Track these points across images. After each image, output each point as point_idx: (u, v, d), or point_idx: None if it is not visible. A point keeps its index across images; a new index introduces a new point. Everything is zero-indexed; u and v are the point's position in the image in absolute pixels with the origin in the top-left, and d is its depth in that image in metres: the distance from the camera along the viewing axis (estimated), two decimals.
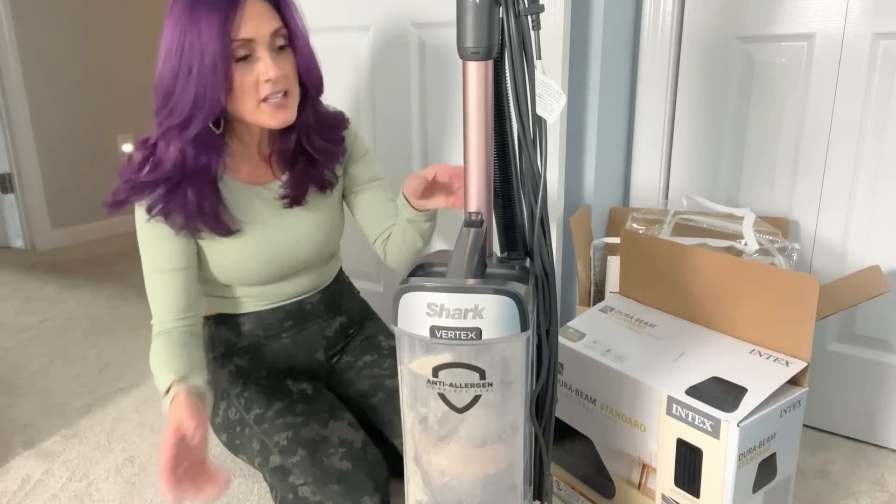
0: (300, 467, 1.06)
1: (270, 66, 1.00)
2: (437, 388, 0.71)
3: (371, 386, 1.22)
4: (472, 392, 0.70)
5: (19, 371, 1.75)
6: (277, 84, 1.02)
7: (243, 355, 1.22)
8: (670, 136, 1.48)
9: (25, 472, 1.31)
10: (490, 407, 0.72)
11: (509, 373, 0.71)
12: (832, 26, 1.25)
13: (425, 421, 0.74)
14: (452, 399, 0.71)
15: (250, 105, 1.03)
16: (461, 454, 0.75)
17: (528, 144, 0.77)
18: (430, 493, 0.77)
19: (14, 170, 2.85)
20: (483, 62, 0.73)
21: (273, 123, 1.05)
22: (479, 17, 0.70)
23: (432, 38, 1.51)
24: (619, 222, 1.43)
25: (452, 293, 0.67)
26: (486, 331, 0.67)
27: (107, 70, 3.12)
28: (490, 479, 0.76)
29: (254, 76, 1.01)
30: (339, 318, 1.31)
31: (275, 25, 1.02)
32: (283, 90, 1.03)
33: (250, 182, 1.14)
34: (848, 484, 1.23)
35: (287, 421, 1.11)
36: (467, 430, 0.73)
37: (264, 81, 1.01)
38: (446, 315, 0.67)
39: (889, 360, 1.31)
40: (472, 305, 0.66)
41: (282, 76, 1.02)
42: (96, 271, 2.63)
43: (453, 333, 0.67)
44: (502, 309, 0.67)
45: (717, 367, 0.98)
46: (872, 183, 1.26)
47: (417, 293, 0.68)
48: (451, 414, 0.72)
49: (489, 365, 0.69)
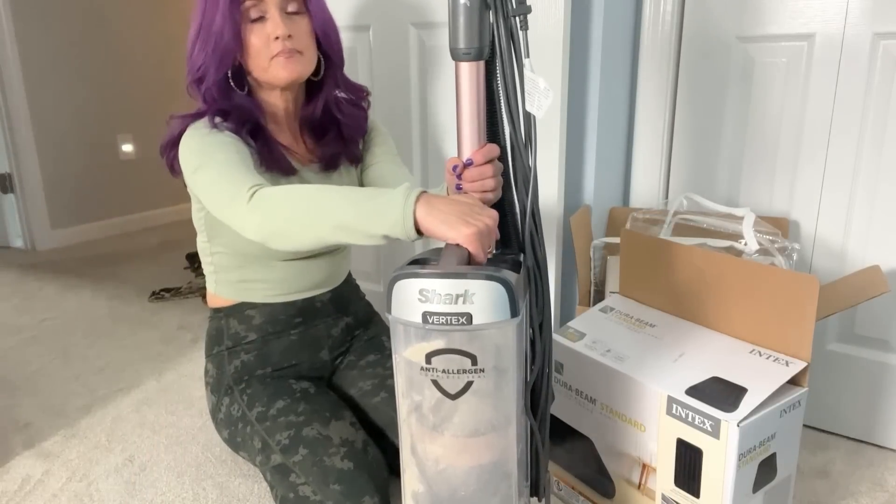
0: (301, 466, 1.06)
1: (279, 24, 1.06)
2: (430, 374, 0.72)
3: (374, 385, 1.23)
4: (465, 378, 0.71)
5: (19, 371, 1.76)
6: (287, 41, 1.07)
7: (250, 350, 1.22)
8: (670, 136, 1.48)
9: (25, 472, 1.31)
10: (483, 394, 0.73)
11: (501, 359, 0.72)
12: (832, 26, 1.25)
13: (420, 409, 0.75)
14: (445, 385, 0.72)
15: (264, 61, 1.08)
16: (455, 443, 0.76)
17: (519, 141, 0.78)
18: (425, 483, 0.78)
19: (14, 170, 2.85)
20: (475, 63, 0.76)
21: (284, 73, 1.09)
22: (470, 20, 0.74)
23: (432, 38, 1.51)
24: (619, 222, 1.43)
25: (443, 279, 0.68)
26: (476, 316, 0.68)
27: (107, 70, 3.12)
28: (484, 468, 0.77)
29: (264, 35, 1.07)
30: (345, 319, 1.31)
31: None
32: (293, 48, 1.08)
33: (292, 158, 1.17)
34: (848, 484, 1.23)
35: (289, 420, 1.11)
36: (461, 419, 0.74)
37: (274, 39, 1.07)
38: (437, 301, 0.69)
39: (889, 360, 1.31)
40: (462, 291, 0.68)
41: (290, 35, 1.07)
42: (96, 271, 2.63)
43: (444, 319, 0.69)
44: (492, 294, 0.68)
45: (717, 367, 0.98)
46: (872, 183, 1.26)
47: (410, 280, 0.69)
48: (445, 401, 0.73)
49: (480, 351, 0.71)
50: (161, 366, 1.77)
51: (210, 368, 1.25)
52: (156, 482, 1.27)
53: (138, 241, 3.12)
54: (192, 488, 1.25)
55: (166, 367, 1.76)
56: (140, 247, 3.01)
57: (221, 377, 1.22)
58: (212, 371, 1.24)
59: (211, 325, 1.26)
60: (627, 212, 1.41)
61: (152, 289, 2.34)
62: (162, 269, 2.62)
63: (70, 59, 2.97)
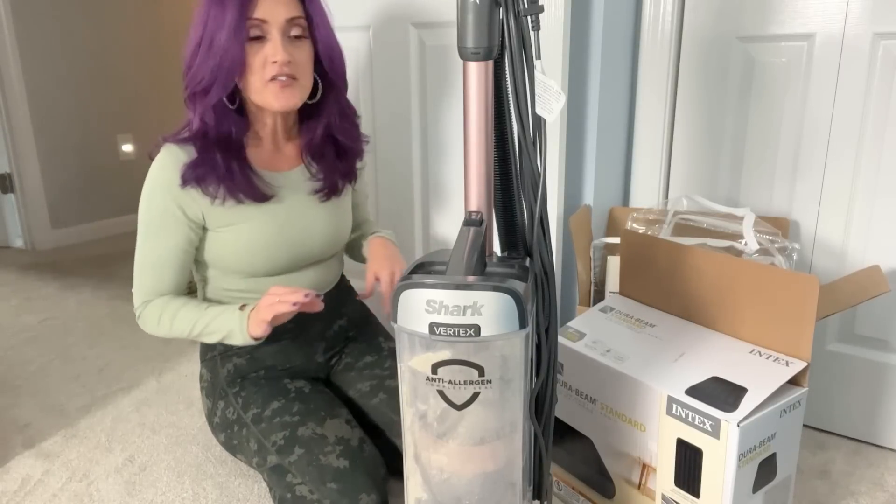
0: (297, 466, 1.06)
1: (279, 48, 1.05)
2: (436, 384, 0.71)
3: (372, 387, 1.22)
4: (471, 389, 0.71)
5: (19, 371, 1.75)
6: (284, 67, 1.05)
7: (243, 355, 1.22)
8: (670, 136, 1.48)
9: (25, 472, 1.31)
10: (489, 404, 0.72)
11: (508, 370, 0.72)
12: (832, 26, 1.25)
13: (425, 418, 0.74)
14: (451, 396, 0.71)
15: (258, 83, 1.07)
16: (460, 452, 0.75)
17: (528, 144, 0.77)
18: (429, 491, 0.78)
19: (14, 170, 2.84)
20: (483, 62, 0.74)
21: (276, 104, 1.08)
22: (480, 18, 0.71)
23: (432, 38, 1.51)
24: (619, 222, 1.43)
25: (451, 290, 0.67)
26: (484, 328, 0.67)
27: (107, 70, 3.12)
28: (489, 476, 0.76)
29: (262, 56, 1.06)
30: (339, 321, 1.31)
31: (292, 13, 1.06)
32: (289, 75, 1.06)
33: (268, 169, 1.17)
34: (848, 484, 1.23)
35: (284, 420, 1.11)
36: (466, 428, 0.73)
37: (271, 62, 1.05)
38: (445, 312, 0.67)
39: (889, 360, 1.31)
40: (470, 302, 0.67)
41: (289, 61, 1.06)
42: (96, 271, 2.63)
43: (452, 330, 0.68)
44: (501, 306, 0.67)
45: (717, 367, 0.98)
46: (872, 183, 1.26)
47: (417, 290, 0.68)
48: (451, 411, 0.72)
49: (488, 362, 0.70)
50: (161, 366, 1.77)
51: (204, 373, 1.25)
52: (156, 482, 1.27)
53: None
54: (192, 488, 1.25)
55: (166, 367, 1.76)
56: None
57: (215, 381, 1.22)
58: (206, 376, 1.25)
59: None
60: (627, 212, 1.41)
61: None
62: None
63: (70, 59, 2.97)
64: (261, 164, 1.15)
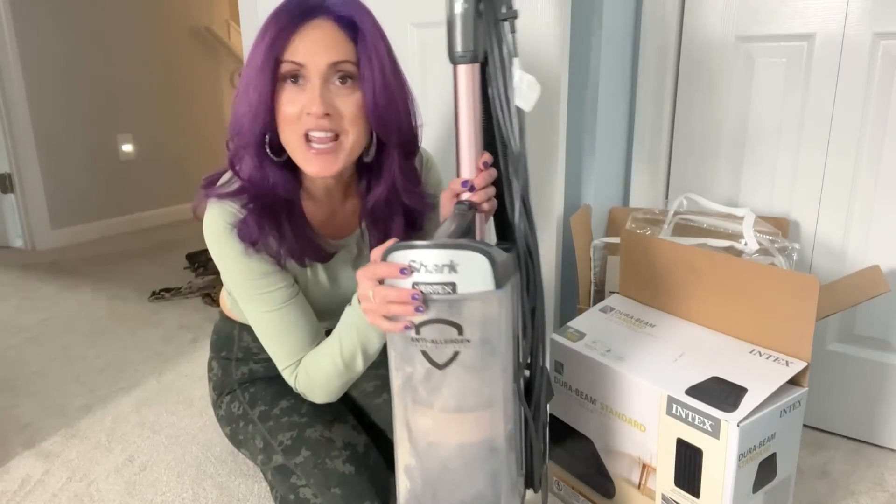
0: (303, 468, 1.06)
1: (316, 98, 0.87)
2: (419, 344, 0.76)
3: (376, 387, 1.22)
4: (452, 348, 0.75)
5: (19, 371, 1.75)
6: (322, 121, 0.88)
7: (260, 362, 1.21)
8: (670, 136, 1.48)
9: (25, 472, 1.31)
10: (469, 366, 0.76)
11: (486, 332, 0.76)
12: (832, 26, 1.25)
13: (410, 381, 0.79)
14: (434, 355, 0.76)
15: (294, 137, 0.90)
16: (444, 419, 0.79)
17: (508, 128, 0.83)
18: (416, 456, 0.82)
19: (14, 170, 2.85)
20: (471, 65, 0.82)
21: (308, 169, 0.92)
22: (465, 26, 0.79)
23: (432, 38, 1.51)
24: (619, 222, 1.43)
25: (431, 249, 0.73)
26: (460, 285, 0.73)
27: (107, 70, 3.12)
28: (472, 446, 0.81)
29: (299, 105, 0.88)
30: None
31: (335, 57, 0.88)
32: (330, 130, 0.89)
33: (325, 235, 1.05)
34: (848, 484, 1.23)
35: (292, 420, 1.11)
36: (449, 391, 0.78)
37: (306, 114, 0.88)
38: (425, 270, 0.73)
39: (889, 360, 1.31)
40: (447, 261, 0.72)
41: (327, 114, 0.88)
42: (96, 271, 2.63)
43: (431, 288, 0.73)
44: (475, 265, 0.72)
45: (717, 367, 0.98)
46: (872, 183, 1.26)
47: (402, 251, 0.74)
48: (434, 372, 0.77)
49: (466, 321, 0.74)
50: (161, 366, 1.77)
51: (215, 367, 1.24)
52: (156, 482, 1.27)
53: (138, 241, 3.12)
54: (192, 488, 1.25)
55: (166, 367, 1.76)
56: (140, 247, 3.01)
57: (226, 378, 1.22)
58: (216, 370, 1.24)
59: (222, 327, 1.24)
60: (627, 212, 1.41)
61: (152, 289, 2.34)
62: (162, 269, 2.62)
63: (70, 59, 2.97)
64: (318, 225, 1.04)
